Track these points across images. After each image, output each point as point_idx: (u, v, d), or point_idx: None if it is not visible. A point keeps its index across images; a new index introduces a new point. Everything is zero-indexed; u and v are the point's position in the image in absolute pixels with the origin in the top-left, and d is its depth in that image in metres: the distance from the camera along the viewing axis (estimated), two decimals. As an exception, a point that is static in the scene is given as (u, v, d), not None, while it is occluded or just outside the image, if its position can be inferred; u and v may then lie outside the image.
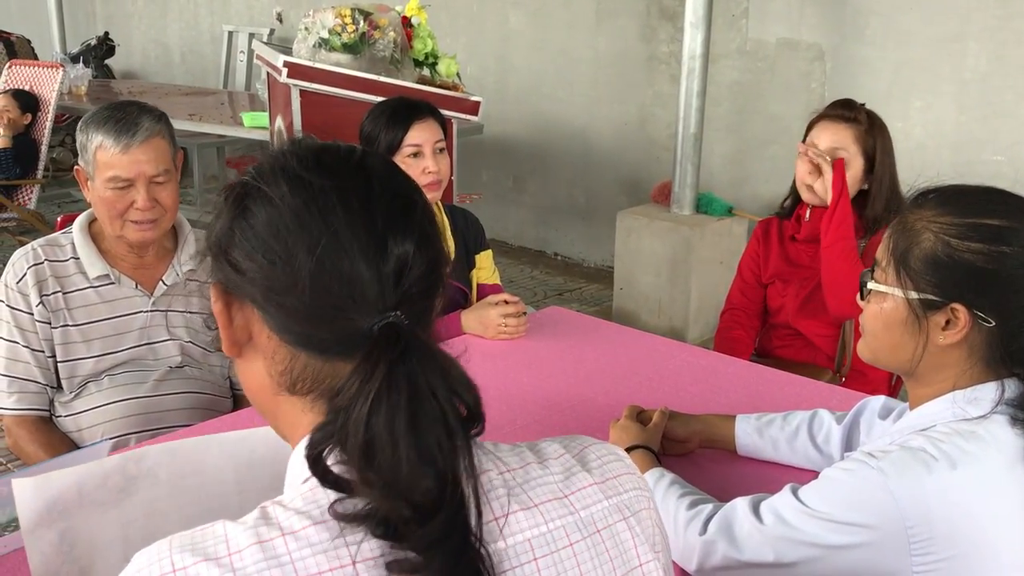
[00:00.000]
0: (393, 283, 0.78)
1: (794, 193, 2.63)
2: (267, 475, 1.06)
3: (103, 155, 1.99)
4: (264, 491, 1.06)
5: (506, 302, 2.36)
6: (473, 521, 0.75)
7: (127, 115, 2.01)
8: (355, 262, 0.78)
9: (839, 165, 2.41)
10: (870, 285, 1.34)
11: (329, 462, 0.76)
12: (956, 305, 1.25)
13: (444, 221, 2.56)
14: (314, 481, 0.77)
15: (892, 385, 2.58)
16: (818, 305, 2.54)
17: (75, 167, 2.08)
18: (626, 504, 0.88)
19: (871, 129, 2.45)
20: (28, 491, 0.96)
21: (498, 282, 2.74)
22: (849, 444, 1.66)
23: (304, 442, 0.79)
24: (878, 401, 1.65)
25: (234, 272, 0.82)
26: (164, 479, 1.02)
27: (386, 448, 0.72)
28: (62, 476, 0.98)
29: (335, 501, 0.74)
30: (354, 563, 0.73)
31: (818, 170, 2.45)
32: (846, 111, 2.48)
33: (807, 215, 2.57)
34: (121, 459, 1.01)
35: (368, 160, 0.85)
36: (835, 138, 2.45)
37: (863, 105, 2.50)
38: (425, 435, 0.73)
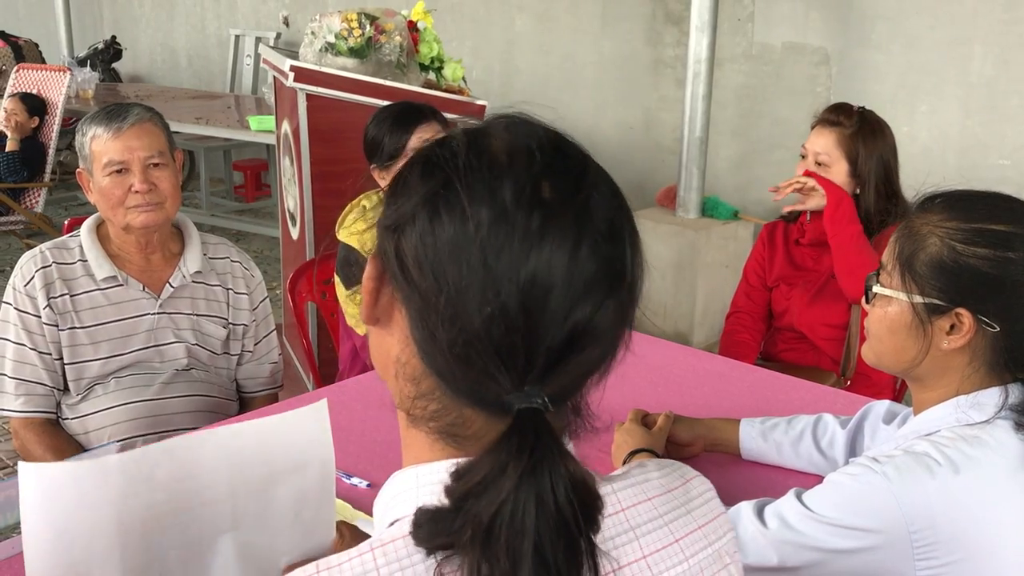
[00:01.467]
0: (556, 360, 0.69)
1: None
2: (257, 476, 1.06)
3: (97, 144, 2.03)
4: (255, 494, 1.06)
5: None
6: None
7: (118, 107, 2.08)
8: (525, 328, 0.68)
9: (809, 173, 2.48)
10: (875, 289, 1.34)
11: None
12: (961, 310, 1.25)
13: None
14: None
15: (897, 389, 2.58)
16: (823, 308, 2.55)
17: (78, 171, 2.10)
18: (725, 550, 0.85)
19: (857, 133, 2.47)
20: (31, 476, 0.96)
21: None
22: (853, 449, 1.66)
23: (411, 470, 0.76)
24: (882, 405, 1.65)
25: (398, 265, 0.72)
26: (162, 483, 1.01)
27: (505, 567, 0.65)
28: (62, 468, 0.97)
29: (439, 565, 0.69)
30: None
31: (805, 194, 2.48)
32: (833, 116, 2.50)
33: (808, 217, 2.58)
34: (120, 460, 1.00)
35: (593, 201, 0.73)
36: (821, 143, 2.49)
37: (860, 108, 2.51)
38: (548, 557, 0.66)
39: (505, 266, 0.68)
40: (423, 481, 0.75)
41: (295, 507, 1.08)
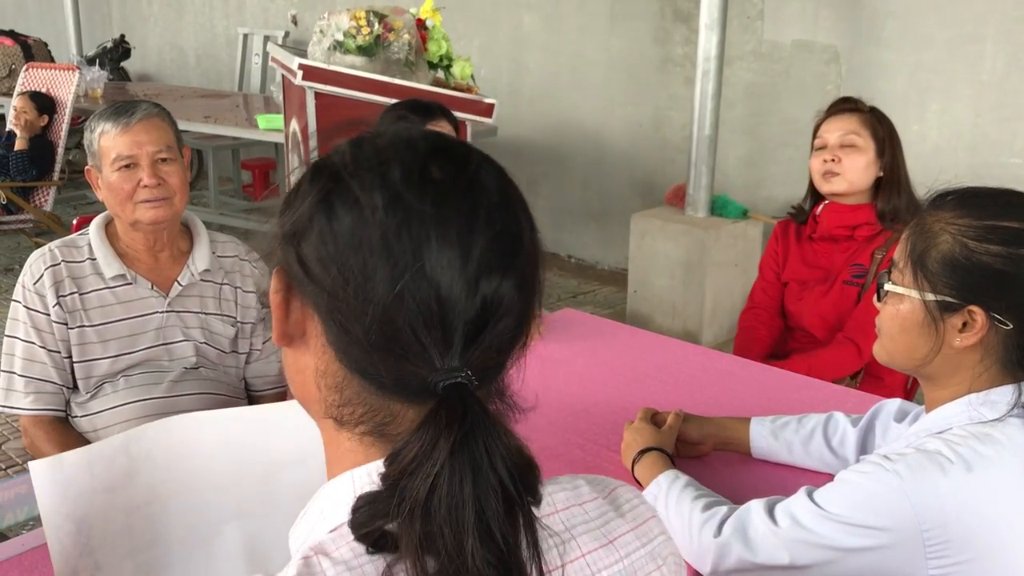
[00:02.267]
0: (472, 335, 0.70)
1: (811, 194, 2.63)
2: (260, 462, 1.06)
3: (105, 140, 2.04)
4: (258, 483, 1.06)
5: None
6: None
7: (125, 104, 2.09)
8: (435, 306, 0.68)
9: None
10: (887, 287, 1.33)
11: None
12: (973, 307, 1.25)
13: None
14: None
15: (908, 388, 2.57)
16: (834, 312, 2.54)
17: (86, 168, 2.11)
18: (657, 551, 0.84)
19: (875, 116, 2.50)
20: (44, 472, 0.96)
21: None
22: (864, 447, 1.66)
23: (346, 476, 0.74)
24: (894, 404, 1.64)
25: (302, 270, 0.73)
26: (161, 462, 1.02)
27: (449, 544, 0.65)
28: (74, 456, 0.98)
29: (387, 569, 0.67)
30: None
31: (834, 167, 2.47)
32: (847, 104, 2.53)
33: (819, 211, 2.58)
34: (124, 438, 1.02)
35: (482, 179, 0.74)
36: (845, 125, 2.48)
37: (860, 99, 2.55)
38: (489, 524, 0.66)
39: (406, 245, 0.69)
40: (360, 483, 0.73)
41: (299, 500, 1.08)
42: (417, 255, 0.69)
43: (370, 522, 0.68)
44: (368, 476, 0.73)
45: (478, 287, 0.69)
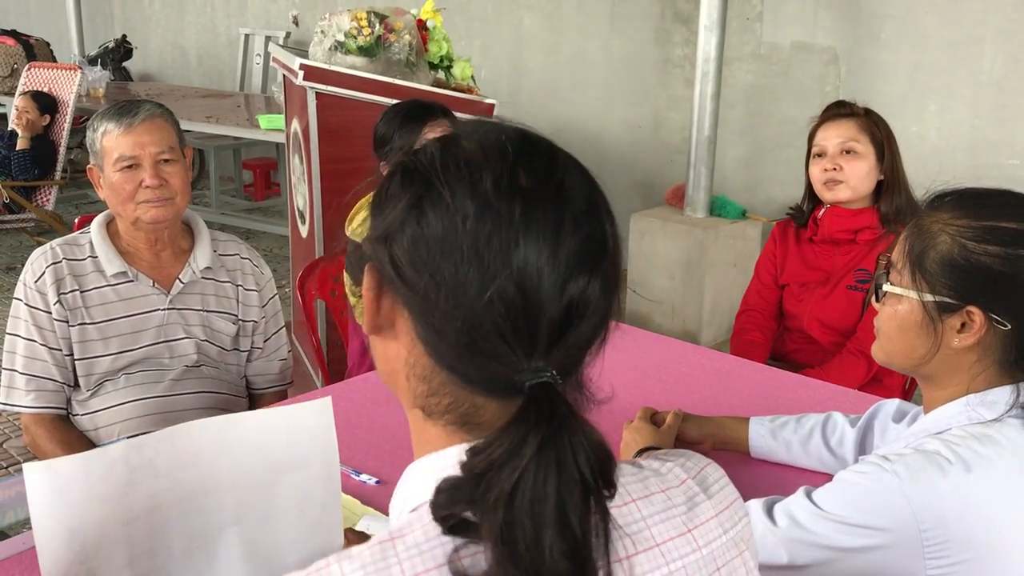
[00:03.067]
0: (558, 335, 0.72)
1: (809, 199, 2.63)
2: (258, 468, 1.06)
3: (108, 140, 2.04)
4: (257, 488, 1.05)
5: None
6: None
7: (129, 103, 2.09)
8: (524, 309, 0.71)
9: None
10: (885, 287, 1.34)
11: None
12: (972, 308, 1.25)
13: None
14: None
15: (906, 389, 2.57)
16: (834, 314, 2.54)
17: (88, 167, 2.12)
18: (741, 537, 0.86)
19: (871, 119, 2.50)
20: (38, 476, 0.95)
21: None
22: (863, 447, 1.66)
23: (430, 458, 0.77)
24: (892, 404, 1.64)
25: (394, 270, 0.75)
26: (163, 471, 1.01)
27: (528, 535, 0.66)
28: (70, 463, 0.97)
29: (455, 552, 0.69)
30: None
31: (836, 176, 2.47)
32: (843, 109, 2.53)
33: (820, 214, 2.58)
34: (124, 448, 1.00)
35: (568, 182, 0.77)
36: (844, 132, 2.47)
37: (854, 103, 2.55)
38: (571, 521, 0.67)
39: (496, 253, 0.71)
40: (439, 466, 0.76)
41: (299, 505, 1.08)
42: (506, 261, 0.71)
43: (450, 506, 0.70)
44: (448, 459, 0.76)
45: (565, 290, 0.72)
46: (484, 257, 0.71)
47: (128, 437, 1.85)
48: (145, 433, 1.98)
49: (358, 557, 0.71)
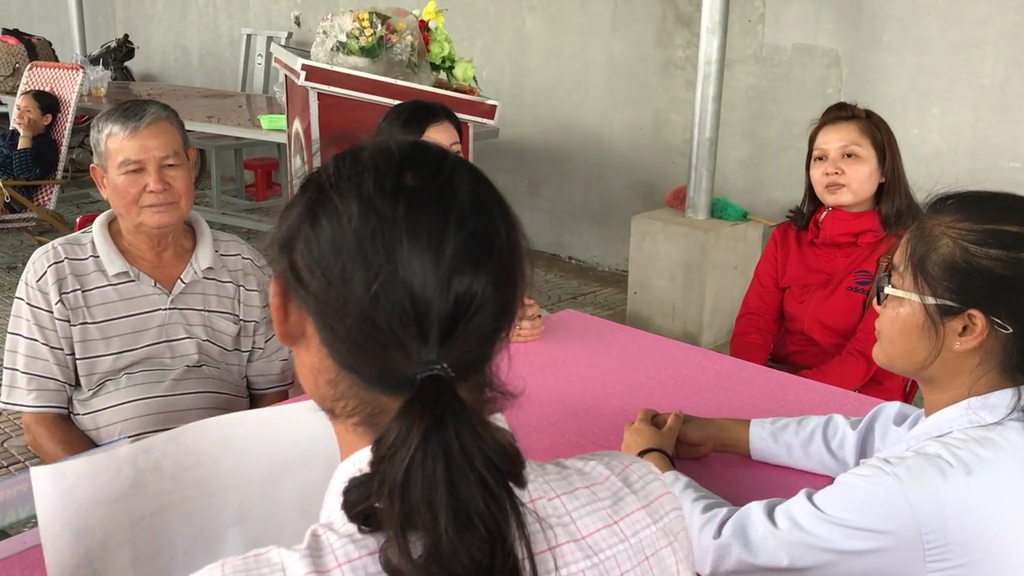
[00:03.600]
0: (447, 330, 0.74)
1: (810, 201, 2.63)
2: (261, 467, 1.06)
3: (113, 142, 2.03)
4: (259, 487, 1.06)
5: (521, 305, 2.36)
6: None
7: (134, 105, 2.08)
8: (410, 304, 0.73)
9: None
10: (887, 290, 1.34)
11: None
12: (973, 311, 1.25)
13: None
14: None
15: (906, 391, 2.57)
16: (835, 316, 2.55)
17: (92, 166, 2.11)
18: (669, 528, 0.88)
19: (872, 122, 2.49)
20: (45, 479, 0.96)
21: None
22: (864, 450, 1.66)
23: (350, 460, 0.80)
24: (893, 407, 1.64)
25: (294, 276, 0.78)
26: (168, 472, 1.02)
27: (426, 519, 0.69)
28: (77, 465, 0.98)
29: (384, 544, 0.71)
30: None
31: (838, 180, 2.47)
32: (844, 111, 2.52)
33: (822, 217, 2.58)
34: (131, 450, 1.01)
35: (455, 182, 0.78)
36: (845, 136, 2.47)
37: (855, 105, 2.54)
38: (465, 505, 0.70)
39: (380, 250, 0.74)
40: (351, 470, 0.79)
41: (301, 504, 1.08)
42: (390, 258, 0.73)
43: (359, 502, 0.73)
44: (359, 463, 0.78)
45: (451, 285, 0.74)
46: (368, 255, 0.74)
47: (129, 436, 1.86)
48: (146, 433, 2.00)
49: (296, 549, 0.74)
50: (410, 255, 0.74)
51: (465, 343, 0.75)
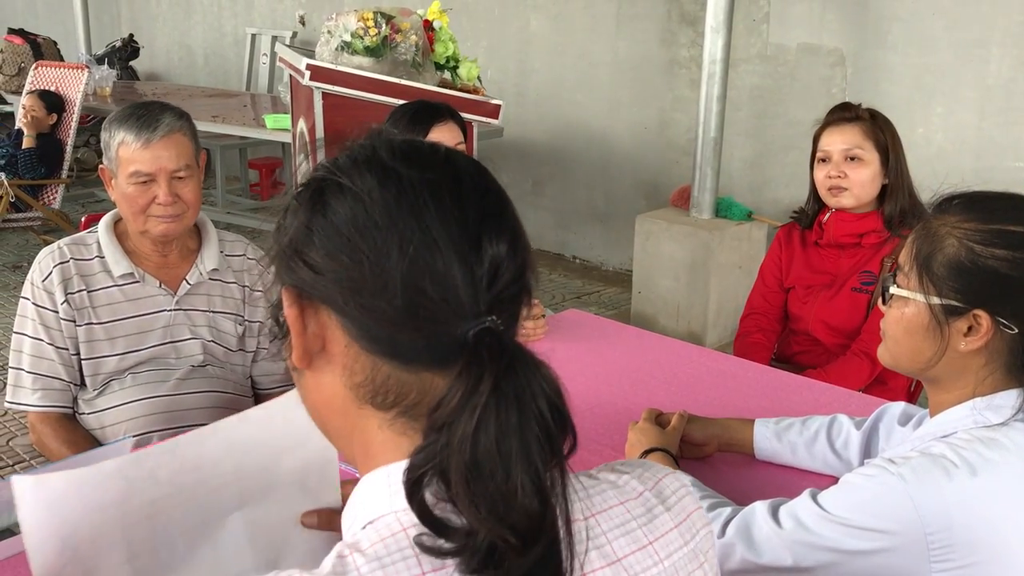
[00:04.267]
0: (487, 285, 0.73)
1: (813, 201, 2.63)
2: (263, 456, 1.05)
3: (125, 151, 2.02)
4: (260, 473, 1.05)
5: (525, 304, 2.37)
6: (564, 557, 0.70)
7: (149, 112, 2.04)
8: (449, 262, 0.72)
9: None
10: (892, 290, 1.34)
11: (426, 498, 0.70)
12: (979, 311, 1.25)
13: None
14: (393, 518, 0.73)
15: (911, 392, 2.57)
16: (839, 316, 2.54)
17: (99, 166, 2.11)
18: (700, 547, 0.86)
19: (877, 124, 2.48)
20: (28, 491, 0.92)
21: (517, 285, 2.75)
22: (868, 450, 1.66)
23: (381, 471, 0.76)
24: (898, 407, 1.64)
25: (312, 274, 0.76)
26: (164, 479, 0.99)
27: (497, 471, 0.67)
28: (61, 477, 0.94)
29: (421, 534, 0.69)
30: None
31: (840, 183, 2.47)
32: (848, 112, 2.51)
33: (825, 218, 2.57)
34: (119, 463, 0.97)
35: (454, 155, 0.80)
36: (847, 139, 2.46)
37: (860, 105, 2.52)
38: (535, 456, 0.68)
39: (407, 213, 0.73)
40: (394, 479, 0.74)
41: (300, 479, 1.08)
42: (420, 220, 0.73)
43: (423, 464, 0.69)
44: (391, 475, 0.75)
45: (480, 242, 0.74)
46: (397, 220, 0.73)
47: (134, 436, 1.86)
48: (151, 432, 1.99)
49: (319, 572, 0.70)
50: (438, 215, 0.73)
51: (503, 298, 0.74)
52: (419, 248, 0.72)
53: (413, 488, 0.70)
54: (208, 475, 1.03)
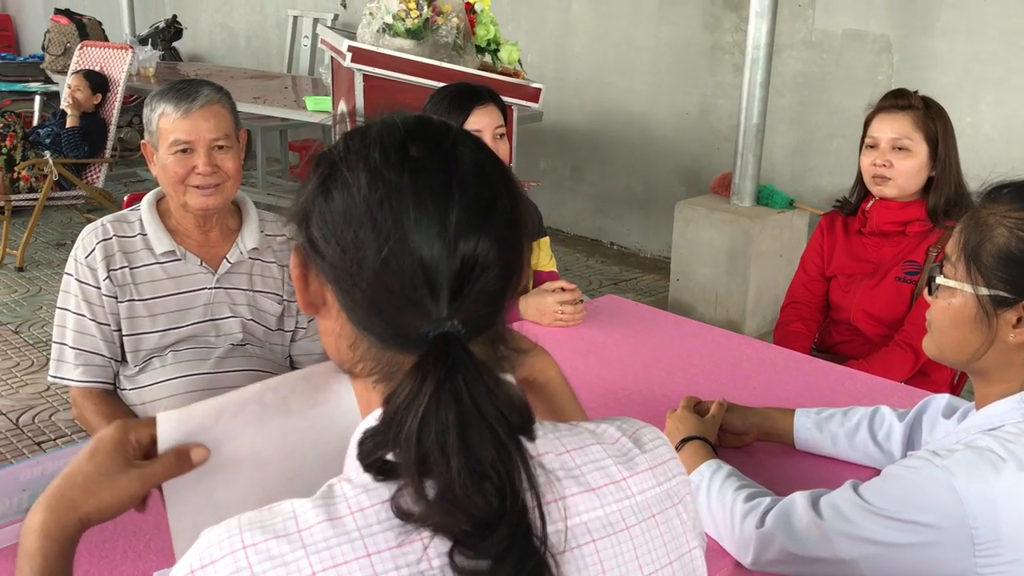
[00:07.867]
0: (456, 290, 0.78)
1: (860, 187, 2.59)
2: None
3: (165, 122, 2.04)
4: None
5: (563, 289, 2.36)
6: (538, 527, 0.76)
7: (188, 85, 2.09)
8: (419, 266, 0.78)
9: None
10: (939, 280, 1.31)
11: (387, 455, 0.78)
12: (1029, 303, 1.22)
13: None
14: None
15: (954, 385, 2.53)
16: (882, 306, 2.51)
17: (142, 142, 2.13)
18: (674, 490, 0.91)
19: (929, 113, 2.43)
20: (172, 423, 0.97)
21: (555, 269, 2.74)
22: (911, 442, 1.64)
23: (363, 428, 0.83)
24: (942, 399, 1.62)
25: (312, 248, 0.84)
26: (295, 409, 1.00)
27: (439, 464, 0.74)
28: (204, 406, 0.99)
29: (396, 493, 0.76)
30: (425, 546, 0.75)
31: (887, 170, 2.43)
32: (901, 100, 2.45)
33: (868, 206, 2.54)
34: (260, 387, 1.01)
35: (458, 151, 0.83)
36: (896, 128, 2.42)
37: (916, 92, 2.47)
38: (476, 452, 0.74)
39: (388, 216, 0.79)
40: (371, 424, 0.82)
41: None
42: (398, 224, 0.78)
43: (374, 451, 0.78)
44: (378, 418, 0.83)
45: (457, 247, 0.78)
46: (377, 222, 0.79)
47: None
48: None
49: (309, 499, 0.78)
50: (417, 220, 0.78)
51: (474, 302, 0.79)
52: (394, 250, 0.78)
53: (368, 466, 0.78)
54: (336, 410, 1.02)
